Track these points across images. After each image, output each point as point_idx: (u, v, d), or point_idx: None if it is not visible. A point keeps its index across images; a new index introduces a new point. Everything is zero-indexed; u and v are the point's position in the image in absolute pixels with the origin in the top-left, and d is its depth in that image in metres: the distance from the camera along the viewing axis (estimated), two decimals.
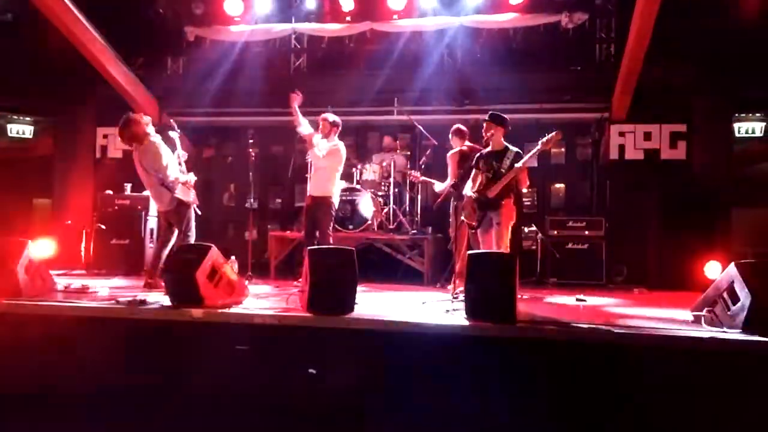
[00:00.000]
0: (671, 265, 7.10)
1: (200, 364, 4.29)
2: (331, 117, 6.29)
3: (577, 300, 5.80)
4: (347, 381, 4.08)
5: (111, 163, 8.86)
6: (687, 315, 4.50)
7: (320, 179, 6.22)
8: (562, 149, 8.53)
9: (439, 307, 4.90)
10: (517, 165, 5.48)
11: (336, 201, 6.30)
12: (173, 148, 5.97)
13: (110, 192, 8.10)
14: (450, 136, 6.59)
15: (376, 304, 5.19)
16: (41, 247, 6.59)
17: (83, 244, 7.75)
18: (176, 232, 5.83)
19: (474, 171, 5.77)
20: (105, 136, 9.04)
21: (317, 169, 6.26)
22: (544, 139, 5.46)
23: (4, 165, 9.92)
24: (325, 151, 6.14)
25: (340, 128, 6.30)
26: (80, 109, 8.99)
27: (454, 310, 4.68)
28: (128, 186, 7.90)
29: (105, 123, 9.00)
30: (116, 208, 7.90)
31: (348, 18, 8.17)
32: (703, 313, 4.28)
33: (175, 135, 6.00)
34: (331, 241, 6.08)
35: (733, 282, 4.06)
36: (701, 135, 7.77)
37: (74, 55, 7.70)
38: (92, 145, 9.04)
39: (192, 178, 5.91)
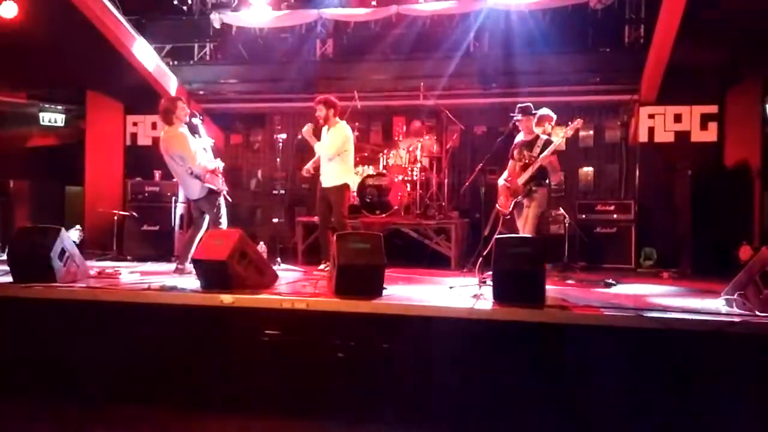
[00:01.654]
0: (702, 249, 6.99)
1: (230, 349, 4.39)
2: (325, 99, 6.21)
3: (606, 284, 5.76)
4: (375, 366, 4.13)
5: (141, 150, 9.00)
6: (718, 299, 4.45)
7: (330, 170, 6.20)
8: (590, 132, 8.42)
9: (466, 292, 4.91)
10: (542, 155, 5.67)
11: (352, 184, 6.34)
12: (199, 135, 6.02)
13: (140, 179, 8.26)
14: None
15: (403, 288, 5.22)
16: (74, 234, 6.75)
17: (115, 231, 7.91)
18: (207, 219, 5.90)
19: (510, 161, 5.99)
20: (135, 124, 9.18)
21: (326, 160, 6.22)
22: (566, 129, 5.75)
23: (37, 153, 10.15)
24: (331, 148, 6.12)
25: (338, 107, 6.24)
26: (110, 97, 9.13)
27: (481, 294, 4.69)
28: (158, 173, 8.04)
29: (134, 111, 9.15)
30: (146, 194, 8.06)
31: (374, 2, 8.12)
32: (735, 297, 4.22)
33: (197, 122, 6.04)
34: (348, 227, 6.08)
35: (765, 265, 4.00)
36: (732, 116, 7.60)
37: (104, 43, 7.81)
38: (122, 133, 9.18)
39: (220, 164, 5.95)
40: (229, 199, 6.06)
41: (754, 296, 4.08)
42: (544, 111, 6.07)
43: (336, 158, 6.16)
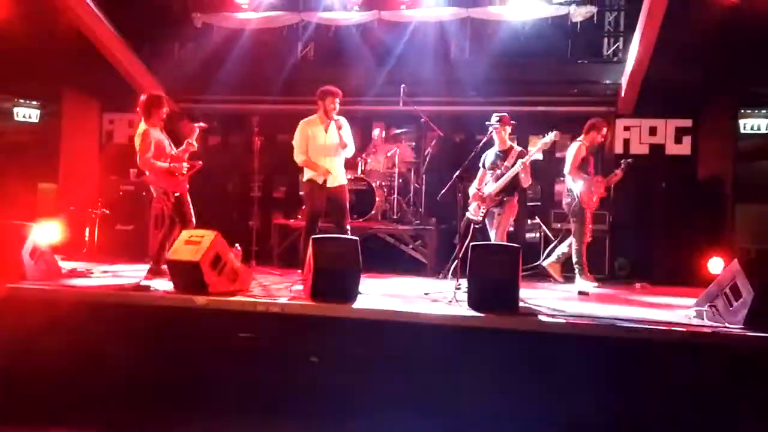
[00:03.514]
0: (674, 260, 7.10)
1: (203, 351, 4.34)
2: (337, 91, 5.98)
3: (580, 293, 5.82)
4: (348, 370, 4.12)
5: (116, 148, 8.87)
6: (689, 310, 4.51)
7: (341, 167, 6.07)
8: (568, 142, 8.51)
9: (441, 298, 4.91)
10: (516, 165, 5.77)
11: None
12: (184, 137, 5.93)
13: (115, 177, 8.14)
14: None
15: (378, 293, 5.21)
16: (46, 232, 6.62)
17: (88, 230, 7.78)
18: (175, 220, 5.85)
19: (481, 170, 6.06)
20: (111, 122, 9.05)
21: (339, 156, 6.01)
22: (543, 141, 5.84)
23: (11, 149, 9.94)
24: (351, 143, 5.99)
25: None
26: (86, 94, 8.99)
27: (456, 300, 4.70)
28: (133, 171, 7.92)
29: (111, 108, 9.01)
30: (121, 193, 7.95)
31: (356, 7, 8.13)
32: (705, 308, 4.29)
33: (200, 125, 6.00)
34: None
35: (735, 278, 4.07)
36: (706, 130, 7.74)
37: (81, 39, 7.69)
38: (98, 131, 9.05)
39: (180, 167, 5.76)
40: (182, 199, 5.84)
41: (724, 308, 4.15)
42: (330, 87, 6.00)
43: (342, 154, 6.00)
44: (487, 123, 6.02)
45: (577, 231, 6.39)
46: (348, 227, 5.99)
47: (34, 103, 9.85)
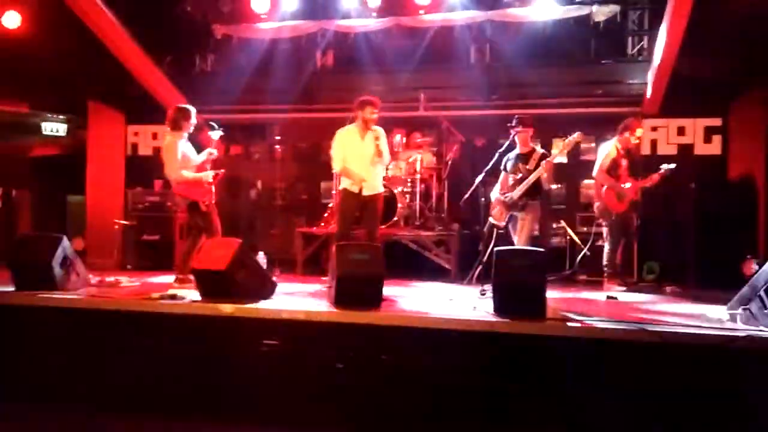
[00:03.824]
0: (706, 263, 6.92)
1: (229, 358, 4.35)
2: (362, 101, 6.01)
3: (608, 297, 5.71)
4: (370, 377, 4.09)
5: (142, 159, 8.99)
6: (722, 313, 4.40)
7: (378, 176, 6.10)
8: (592, 144, 8.40)
9: (466, 304, 4.86)
10: (538, 169, 5.69)
11: None
12: (203, 146, 6.00)
13: (141, 188, 8.24)
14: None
15: (402, 300, 5.18)
16: (74, 243, 6.73)
17: (116, 240, 7.89)
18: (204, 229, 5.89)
19: (503, 173, 6.00)
20: (136, 134, 9.19)
21: (376, 167, 6.04)
22: (566, 142, 5.74)
23: (39, 162, 10.15)
24: (387, 151, 6.03)
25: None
26: (111, 107, 9.14)
27: (481, 306, 4.64)
28: (158, 183, 8.02)
29: (135, 121, 9.15)
30: (147, 204, 8.05)
31: (374, 14, 8.14)
32: (739, 311, 4.18)
33: (216, 135, 6.08)
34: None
35: None
36: (737, 129, 7.57)
37: (105, 53, 7.82)
38: (123, 143, 9.19)
39: (208, 175, 5.85)
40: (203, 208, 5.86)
41: (759, 310, 4.03)
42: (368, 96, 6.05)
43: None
44: (507, 125, 5.97)
45: (608, 235, 6.26)
46: (378, 236, 6.01)
47: (61, 117, 10.04)
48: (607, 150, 6.39)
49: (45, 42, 7.66)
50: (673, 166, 6.35)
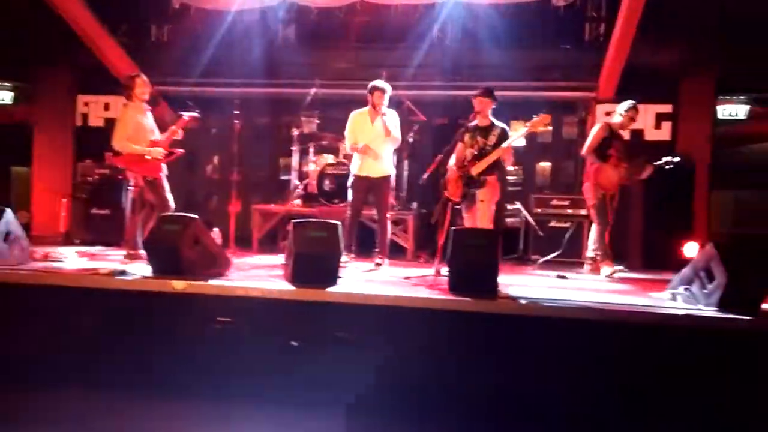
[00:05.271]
0: (652, 245, 7.19)
1: (180, 335, 4.30)
2: (372, 87, 6.14)
3: (558, 277, 5.86)
4: (327, 355, 4.11)
5: (92, 131, 8.72)
6: (664, 293, 4.57)
7: (388, 158, 6.23)
8: (549, 128, 8.54)
9: (422, 282, 4.91)
10: (502, 145, 5.53)
11: None
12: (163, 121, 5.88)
13: (90, 161, 8.01)
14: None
15: (358, 278, 5.20)
16: (19, 216, 6.51)
17: (62, 213, 7.66)
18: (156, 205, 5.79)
19: (459, 144, 5.73)
20: (86, 104, 8.89)
21: (385, 149, 6.17)
22: (533, 121, 5.50)
23: None
24: (398, 134, 6.18)
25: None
26: (61, 75, 8.81)
27: (437, 284, 4.70)
28: (108, 155, 7.79)
29: (86, 90, 8.86)
30: (96, 177, 7.82)
31: None
32: (680, 291, 4.35)
33: (187, 115, 6.04)
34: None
35: (710, 261, 4.12)
36: (685, 116, 7.81)
37: (56, 19, 7.51)
38: (73, 113, 8.88)
39: (156, 152, 5.78)
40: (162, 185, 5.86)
41: (699, 290, 4.21)
42: (378, 82, 6.14)
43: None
44: (472, 94, 5.82)
45: (596, 216, 6.21)
46: (388, 216, 6.28)
47: (8, 84, 9.64)
48: (596, 128, 6.30)
49: None
50: (678, 159, 6.28)
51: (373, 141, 6.10)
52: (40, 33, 7.93)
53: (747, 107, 8.92)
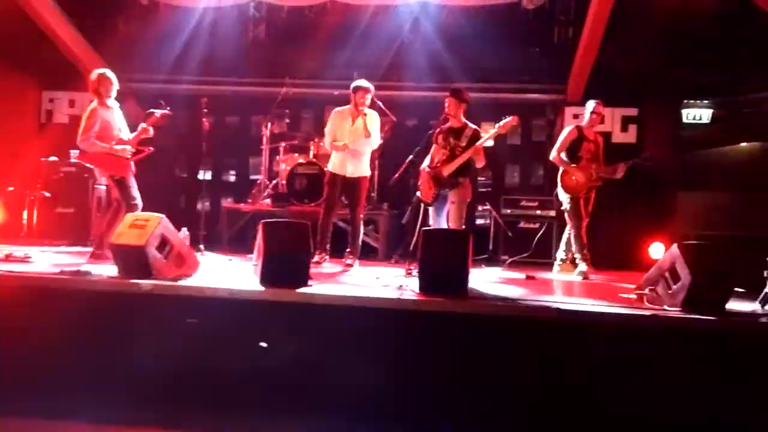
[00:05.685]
0: (618, 246, 7.32)
1: (148, 337, 4.22)
2: (355, 86, 6.14)
3: (527, 278, 5.93)
4: (297, 356, 4.08)
5: (57, 128, 8.51)
6: (630, 293, 4.65)
7: (365, 160, 6.24)
8: (518, 130, 8.63)
9: (392, 283, 4.92)
10: (470, 150, 5.56)
11: None
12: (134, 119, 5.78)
13: (55, 158, 7.82)
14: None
15: (329, 278, 5.19)
16: None
17: (26, 212, 7.47)
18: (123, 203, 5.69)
19: (434, 146, 5.78)
20: (51, 100, 8.70)
21: (363, 149, 6.17)
22: (501, 123, 5.55)
23: None
24: (377, 136, 6.21)
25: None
26: (25, 71, 8.58)
27: (407, 285, 4.71)
28: (74, 153, 7.62)
29: (51, 86, 8.66)
30: (62, 175, 7.65)
31: None
32: (646, 291, 4.42)
33: (158, 113, 5.96)
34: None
35: (675, 262, 4.21)
36: (651, 120, 7.98)
37: (19, 13, 7.32)
38: (37, 109, 8.67)
39: (123, 150, 5.71)
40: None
41: (664, 291, 4.29)
42: (362, 82, 6.18)
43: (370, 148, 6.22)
44: (444, 95, 5.87)
45: (569, 219, 6.22)
46: (361, 217, 6.30)
47: None
48: (566, 131, 6.35)
49: None
50: (649, 155, 6.41)
51: (353, 141, 6.08)
52: (3, 28, 7.70)
53: (710, 111, 9.13)
